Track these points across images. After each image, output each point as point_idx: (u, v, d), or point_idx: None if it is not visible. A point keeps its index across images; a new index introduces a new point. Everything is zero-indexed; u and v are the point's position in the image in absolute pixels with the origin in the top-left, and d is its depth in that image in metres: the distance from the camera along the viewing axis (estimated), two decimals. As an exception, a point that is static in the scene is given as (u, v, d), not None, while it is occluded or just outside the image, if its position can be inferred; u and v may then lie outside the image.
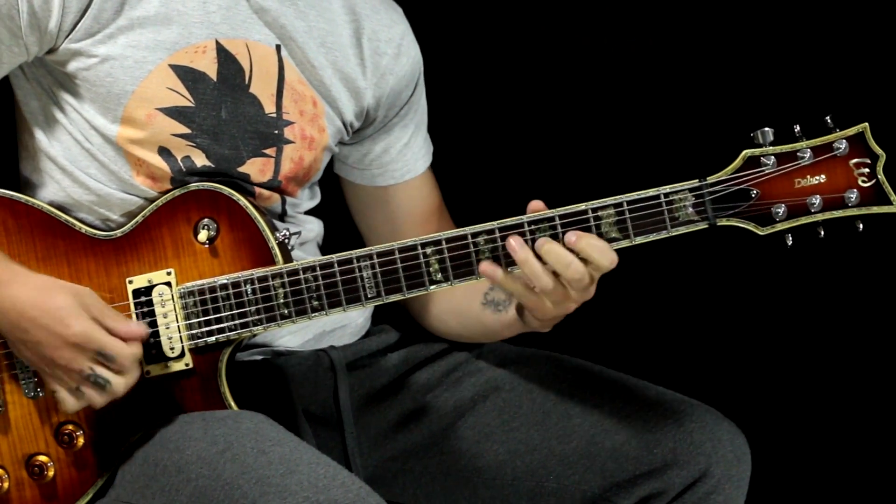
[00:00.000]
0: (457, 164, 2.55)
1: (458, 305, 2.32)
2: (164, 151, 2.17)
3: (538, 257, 2.04)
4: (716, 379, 3.01)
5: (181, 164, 2.17)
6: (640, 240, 2.08)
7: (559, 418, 2.27)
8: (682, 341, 3.05)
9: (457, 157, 2.60)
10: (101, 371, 2.05)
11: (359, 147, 2.35)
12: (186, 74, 2.16)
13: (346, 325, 2.35)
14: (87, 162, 2.18)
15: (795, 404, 3.08)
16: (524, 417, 2.28)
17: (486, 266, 2.06)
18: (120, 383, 2.06)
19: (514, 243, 2.05)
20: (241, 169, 2.20)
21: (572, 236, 2.04)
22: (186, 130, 2.17)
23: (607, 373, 2.30)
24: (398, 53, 2.30)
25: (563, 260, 2.03)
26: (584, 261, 2.04)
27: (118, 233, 2.16)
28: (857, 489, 3.09)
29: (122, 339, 2.07)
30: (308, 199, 2.34)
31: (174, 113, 2.16)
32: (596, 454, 2.23)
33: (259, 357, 2.28)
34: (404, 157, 2.36)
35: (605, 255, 2.04)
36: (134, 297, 2.14)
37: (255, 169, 2.21)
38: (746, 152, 2.06)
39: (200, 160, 2.18)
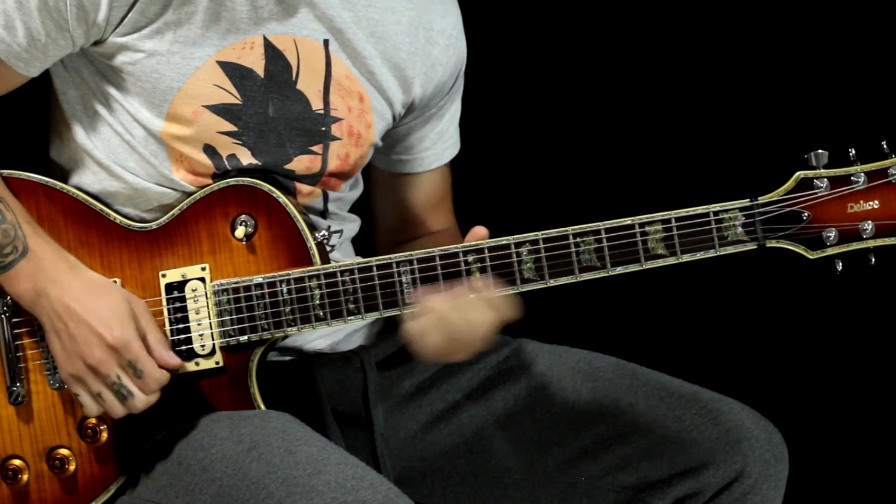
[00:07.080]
0: (501, 173, 2.52)
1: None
2: (209, 149, 2.13)
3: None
4: (753, 378, 2.99)
5: (226, 163, 2.14)
6: (686, 258, 2.06)
7: (592, 417, 2.23)
8: (719, 341, 3.04)
9: (501, 166, 2.58)
10: (127, 381, 2.04)
11: (392, 133, 2.31)
12: (234, 71, 2.12)
13: (373, 322, 2.32)
14: (126, 155, 2.15)
15: (833, 403, 3.07)
16: (556, 416, 2.25)
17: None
18: (141, 400, 2.05)
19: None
20: (288, 167, 2.17)
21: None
22: (233, 128, 2.13)
23: (641, 371, 2.27)
24: (448, 44, 2.27)
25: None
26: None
27: (153, 225, 2.12)
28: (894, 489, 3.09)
29: (155, 361, 2.06)
30: (349, 189, 2.31)
31: (221, 110, 2.13)
32: (630, 454, 2.20)
33: (288, 358, 2.24)
34: (434, 147, 2.34)
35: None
36: (167, 292, 2.10)
37: (302, 166, 2.18)
38: (800, 174, 2.04)
39: (246, 158, 2.14)
